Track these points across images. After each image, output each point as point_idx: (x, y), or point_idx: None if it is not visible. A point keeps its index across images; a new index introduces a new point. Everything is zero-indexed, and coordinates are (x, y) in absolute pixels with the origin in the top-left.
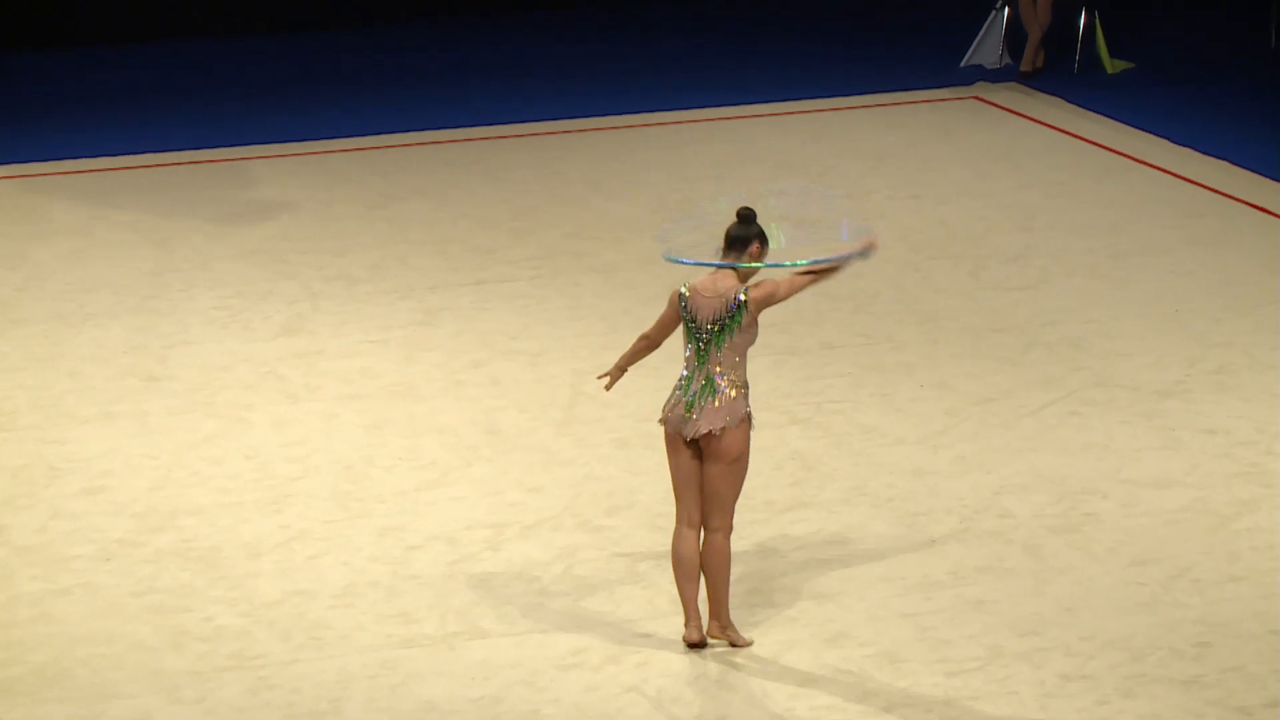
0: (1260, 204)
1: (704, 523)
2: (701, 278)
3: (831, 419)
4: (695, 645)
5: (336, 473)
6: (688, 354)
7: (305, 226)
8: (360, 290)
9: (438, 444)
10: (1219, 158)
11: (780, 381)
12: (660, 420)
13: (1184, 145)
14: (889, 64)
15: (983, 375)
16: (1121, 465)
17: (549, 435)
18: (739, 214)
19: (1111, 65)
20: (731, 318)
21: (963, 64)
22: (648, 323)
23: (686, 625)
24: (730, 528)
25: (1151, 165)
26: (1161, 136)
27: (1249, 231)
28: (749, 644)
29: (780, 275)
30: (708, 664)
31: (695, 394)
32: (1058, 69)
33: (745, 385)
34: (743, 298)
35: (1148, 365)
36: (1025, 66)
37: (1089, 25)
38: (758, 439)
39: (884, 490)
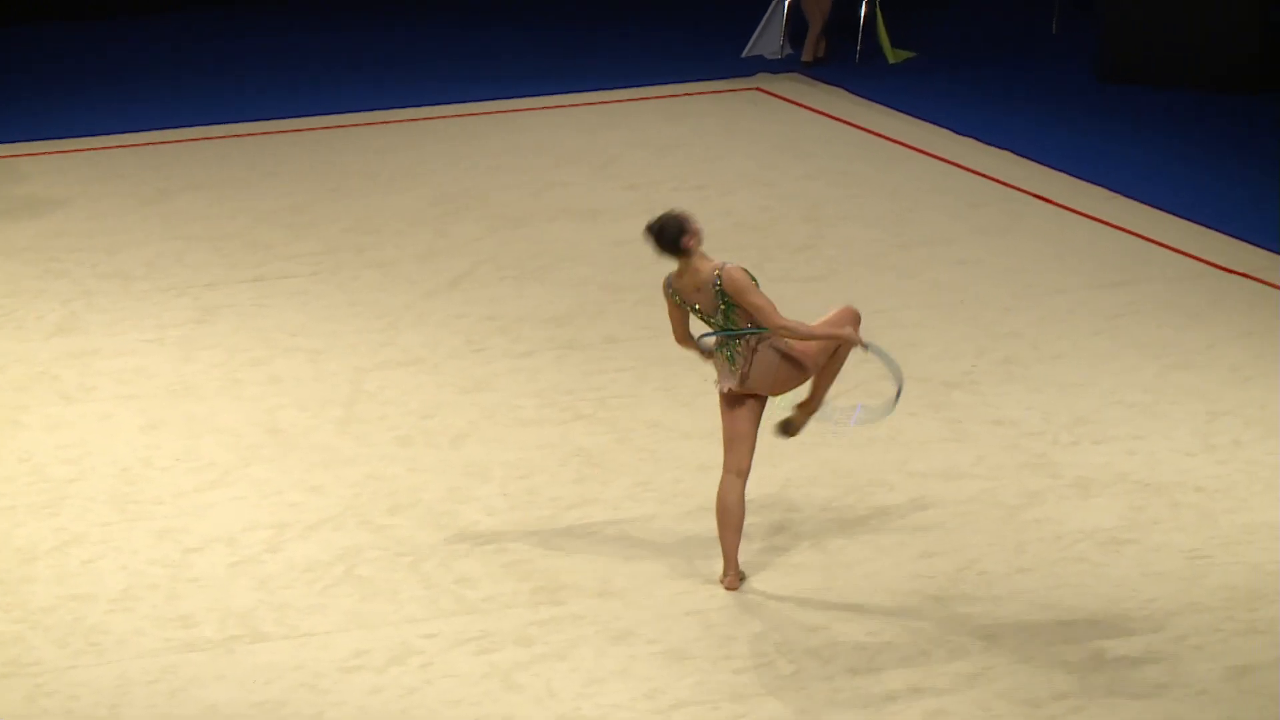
0: (1043, 194)
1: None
2: (675, 272)
3: (616, 414)
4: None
5: (113, 474)
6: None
7: (77, 223)
8: (136, 288)
9: (217, 444)
10: (1001, 147)
11: (562, 377)
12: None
13: (966, 135)
14: (671, 55)
15: None
16: (909, 457)
17: (330, 434)
18: (648, 231)
19: (893, 55)
20: (724, 301)
21: (744, 54)
22: (430, 316)
23: (725, 574)
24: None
25: (934, 155)
26: (944, 126)
27: (1033, 221)
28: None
29: (752, 284)
30: (493, 661)
31: (734, 354)
32: (839, 58)
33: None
34: (718, 284)
35: (935, 356)
36: (807, 56)
37: (870, 15)
38: (542, 434)
39: (670, 486)
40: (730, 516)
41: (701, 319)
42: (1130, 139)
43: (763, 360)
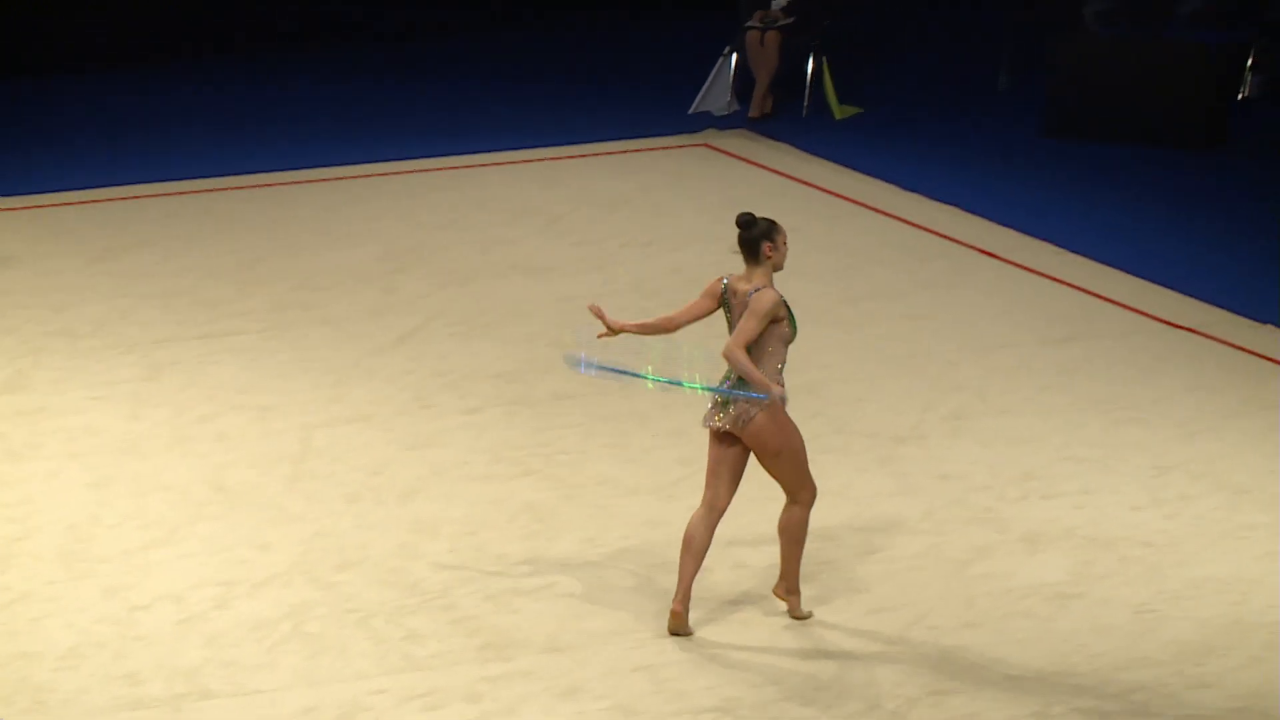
0: (989, 249)
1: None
2: (740, 274)
3: (564, 470)
4: (674, 631)
5: (60, 532)
6: None
7: (24, 280)
8: (83, 345)
9: (164, 501)
10: (948, 203)
11: (512, 432)
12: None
13: (912, 190)
14: (620, 111)
15: None
16: (858, 512)
17: (278, 491)
18: (737, 221)
19: (840, 110)
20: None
21: (692, 110)
22: (379, 372)
23: (675, 599)
24: (807, 501)
25: (881, 210)
26: (890, 182)
27: (980, 276)
28: (807, 616)
29: (769, 317)
30: (442, 718)
31: (730, 386)
32: (786, 114)
33: (775, 371)
34: (753, 291)
35: (883, 411)
36: (754, 112)
37: (817, 71)
38: (491, 490)
39: (618, 541)
40: (692, 544)
41: (728, 324)
42: (1076, 194)
43: (750, 414)
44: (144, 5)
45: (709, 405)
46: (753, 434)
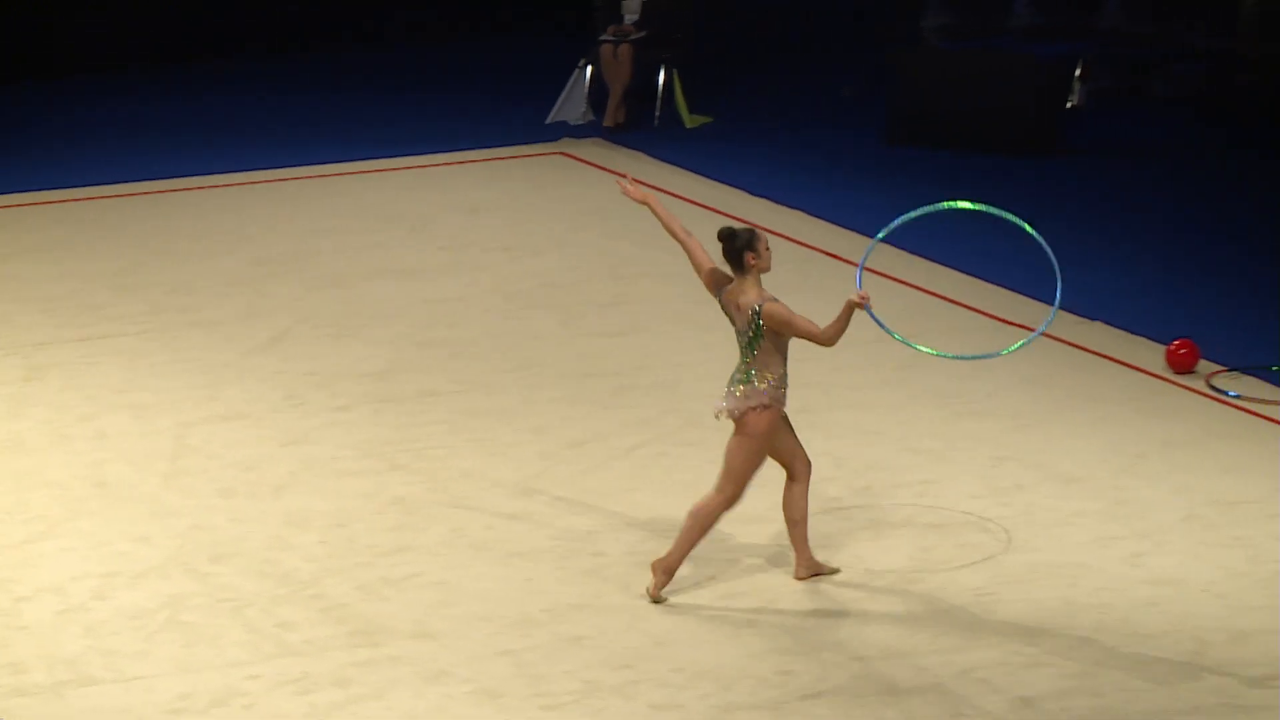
0: (833, 251)
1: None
2: (732, 283)
3: (431, 464)
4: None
5: None
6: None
7: None
8: None
9: (46, 497)
10: (794, 207)
11: (380, 429)
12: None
13: (761, 195)
14: (482, 121)
15: (577, 419)
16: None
17: (155, 486)
18: (719, 236)
19: (690, 120)
20: (756, 328)
21: (549, 120)
22: (252, 373)
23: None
24: (729, 498)
25: (731, 215)
26: (739, 188)
27: (825, 277)
28: (661, 600)
29: (792, 314)
30: (313, 702)
31: (735, 380)
32: (639, 124)
33: (779, 377)
34: (758, 308)
35: None
36: (608, 121)
37: (668, 82)
38: (360, 484)
39: (483, 532)
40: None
41: (734, 330)
42: (916, 199)
43: (740, 403)
44: (11, 22)
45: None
46: (746, 420)
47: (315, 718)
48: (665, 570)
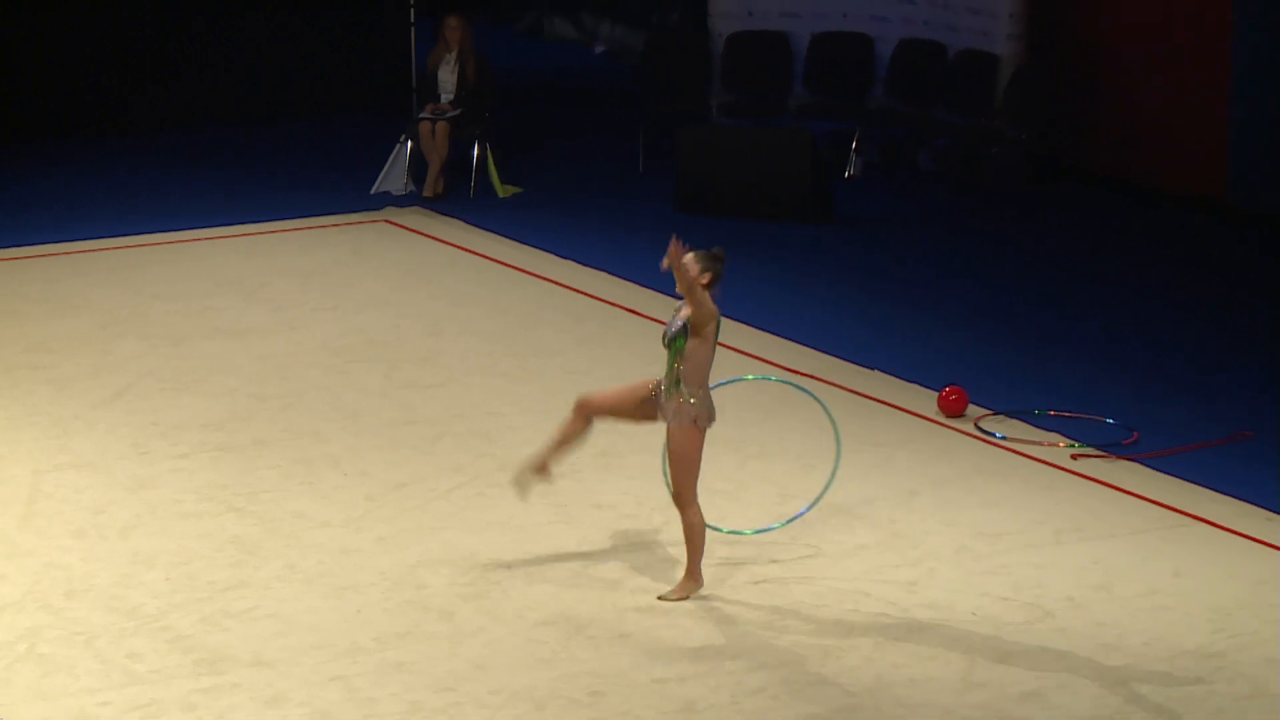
0: (634, 308)
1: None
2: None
3: (265, 506)
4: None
5: None
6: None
7: None
8: None
9: None
10: (597, 268)
11: (218, 474)
12: None
13: (567, 258)
14: (311, 193)
15: (399, 463)
16: (523, 539)
17: (12, 528)
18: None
19: (503, 190)
20: (676, 340)
21: (373, 190)
22: (99, 424)
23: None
24: (688, 505)
25: (541, 276)
26: (548, 251)
27: (627, 332)
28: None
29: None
30: None
31: (668, 387)
32: (456, 194)
33: (701, 393)
34: (681, 322)
35: None
36: (428, 192)
37: (482, 156)
38: (200, 525)
39: (315, 567)
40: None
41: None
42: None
43: (672, 415)
44: None
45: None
46: (673, 435)
47: None
48: (690, 577)
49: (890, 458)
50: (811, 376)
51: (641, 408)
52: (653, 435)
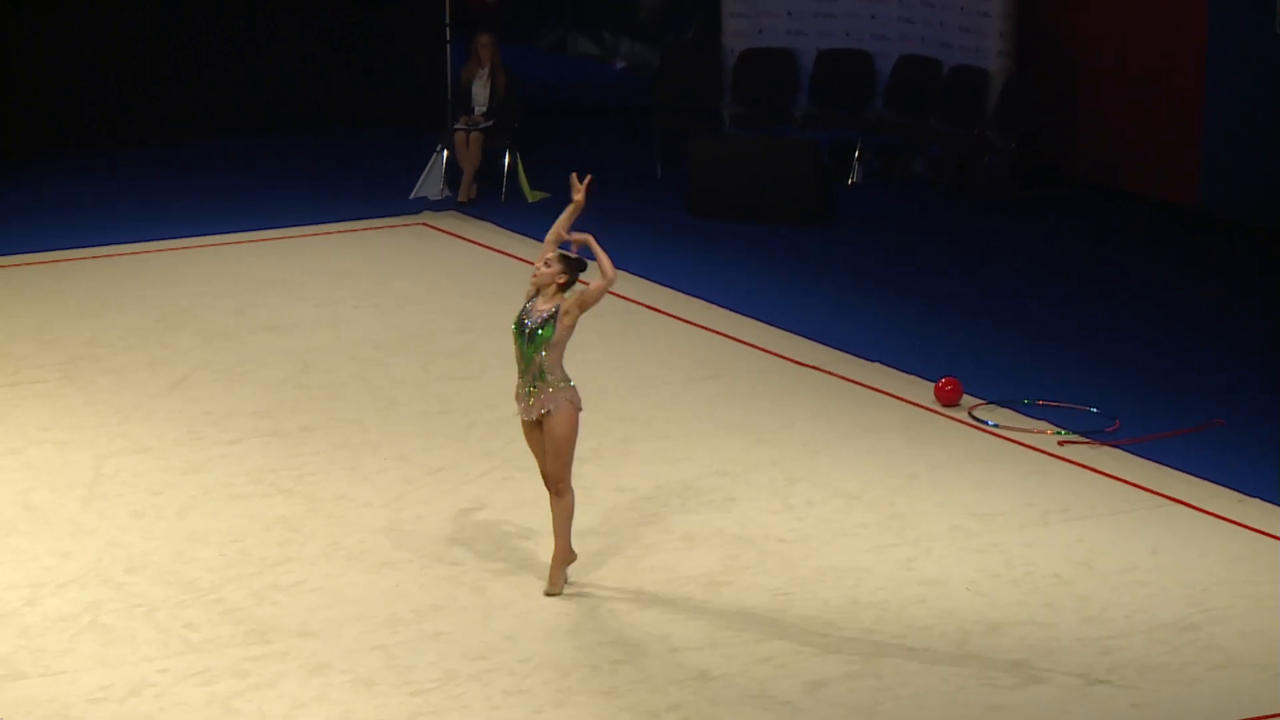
0: (651, 304)
1: (549, 485)
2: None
3: (310, 488)
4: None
5: None
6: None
7: None
8: None
9: None
10: (617, 267)
11: (266, 459)
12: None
13: (589, 258)
14: (354, 199)
15: (435, 449)
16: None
17: (75, 509)
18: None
19: (532, 195)
20: (540, 331)
21: (411, 195)
22: (157, 412)
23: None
24: (565, 489)
25: None
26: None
27: (643, 327)
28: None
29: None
30: (214, 691)
31: (530, 383)
32: (488, 199)
33: (566, 379)
34: (543, 315)
35: None
36: (462, 197)
37: (512, 163)
38: (251, 506)
39: (357, 545)
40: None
41: (517, 335)
42: (718, 261)
43: (548, 402)
44: None
45: (518, 396)
46: (554, 421)
47: (216, 704)
48: (568, 556)
49: (889, 444)
50: (815, 368)
51: (539, 444)
52: (668, 423)
